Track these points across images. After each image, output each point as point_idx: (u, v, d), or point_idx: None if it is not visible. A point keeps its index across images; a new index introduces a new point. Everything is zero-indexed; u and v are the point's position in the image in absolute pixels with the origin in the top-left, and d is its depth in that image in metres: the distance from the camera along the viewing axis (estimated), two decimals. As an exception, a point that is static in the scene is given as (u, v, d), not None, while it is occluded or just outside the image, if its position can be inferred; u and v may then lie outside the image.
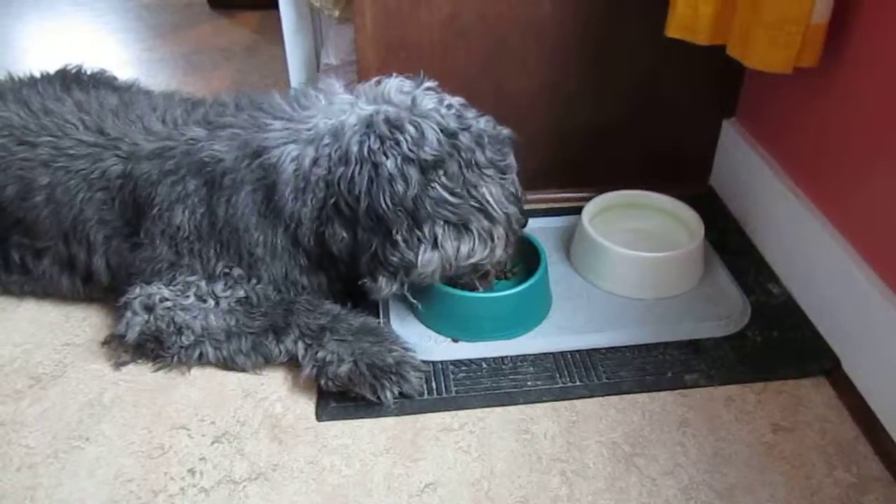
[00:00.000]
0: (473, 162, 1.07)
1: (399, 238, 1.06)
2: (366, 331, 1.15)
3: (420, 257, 1.07)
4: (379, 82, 1.14)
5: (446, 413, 1.10)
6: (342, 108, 1.10)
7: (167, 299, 1.15)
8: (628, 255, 1.28)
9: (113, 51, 2.46)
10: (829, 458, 1.03)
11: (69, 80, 1.39)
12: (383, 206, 1.04)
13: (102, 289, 1.26)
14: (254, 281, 1.16)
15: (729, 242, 1.43)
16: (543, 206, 1.55)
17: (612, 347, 1.20)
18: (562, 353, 1.19)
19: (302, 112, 1.12)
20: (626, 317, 1.26)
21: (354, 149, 1.05)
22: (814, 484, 0.99)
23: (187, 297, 1.15)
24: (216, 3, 2.76)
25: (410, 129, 1.04)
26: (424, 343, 1.21)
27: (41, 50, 2.47)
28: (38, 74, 1.41)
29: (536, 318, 1.25)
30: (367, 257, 1.09)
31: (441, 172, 1.05)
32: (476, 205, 1.09)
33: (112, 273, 1.23)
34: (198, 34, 2.55)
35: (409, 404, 1.11)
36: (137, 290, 1.16)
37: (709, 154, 1.59)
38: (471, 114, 1.12)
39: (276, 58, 2.18)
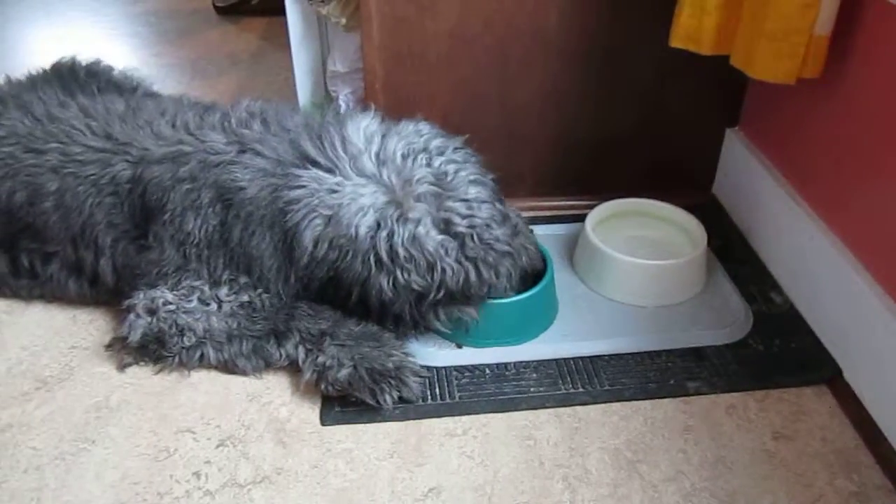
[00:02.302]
0: (462, 294, 1.11)
1: (389, 324, 1.16)
2: (366, 336, 1.16)
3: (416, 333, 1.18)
4: (408, 150, 1.12)
5: (450, 418, 1.11)
6: (364, 202, 1.08)
7: (170, 302, 1.16)
8: (631, 263, 1.29)
9: (120, 56, 2.47)
10: (831, 466, 1.03)
11: (67, 79, 1.39)
12: (372, 304, 1.12)
13: (108, 291, 1.27)
14: (259, 290, 1.17)
15: (731, 251, 1.43)
16: (547, 213, 1.56)
17: (615, 354, 1.20)
18: (565, 359, 1.20)
19: (328, 167, 1.11)
20: (629, 324, 1.27)
21: (360, 254, 1.07)
22: (815, 492, 1.00)
23: (190, 300, 1.16)
24: (223, 9, 2.78)
25: (405, 256, 1.06)
26: (428, 349, 1.22)
27: (48, 54, 2.47)
28: (34, 74, 1.42)
29: (542, 324, 1.26)
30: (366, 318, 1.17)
31: (428, 298, 1.10)
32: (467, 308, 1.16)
33: (118, 275, 1.24)
34: (204, 40, 2.57)
35: (412, 409, 1.11)
36: (141, 294, 1.17)
37: (712, 163, 1.59)
38: (482, 233, 1.10)
39: (282, 64, 2.19)
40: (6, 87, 1.39)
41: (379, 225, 1.07)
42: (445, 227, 1.08)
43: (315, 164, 1.11)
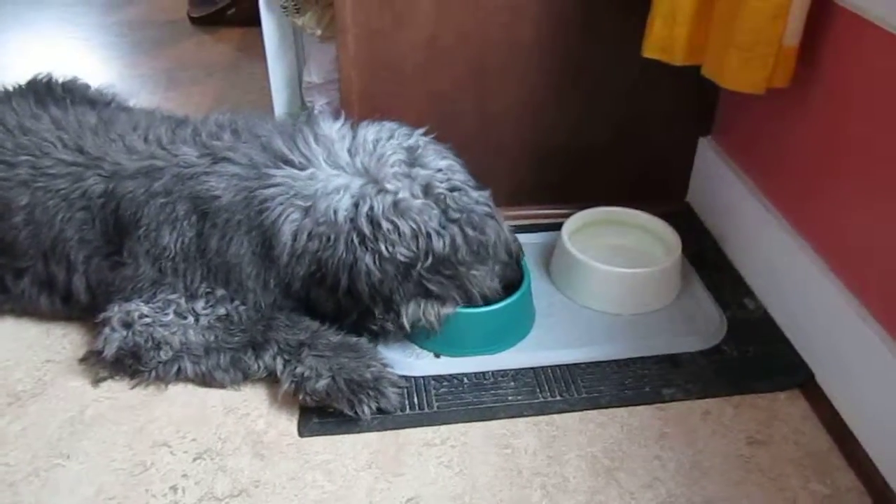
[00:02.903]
0: (449, 261, 1.10)
1: (377, 312, 1.13)
2: (344, 347, 1.16)
3: (406, 325, 1.15)
4: (377, 138, 1.13)
5: (428, 428, 1.11)
6: (339, 183, 1.09)
7: (146, 316, 1.15)
8: (607, 271, 1.30)
9: (95, 67, 2.45)
10: (804, 469, 1.05)
11: (42, 93, 1.38)
12: (361, 289, 1.09)
13: (81, 308, 1.25)
14: (237, 302, 1.16)
15: (706, 258, 1.45)
16: (524, 222, 1.57)
17: (592, 362, 1.21)
18: (542, 367, 1.20)
19: (302, 164, 1.11)
20: (605, 332, 1.28)
21: (341, 238, 1.07)
22: (789, 496, 1.01)
23: (167, 313, 1.15)
24: (198, 20, 2.77)
25: (388, 227, 1.06)
26: (406, 359, 1.22)
27: (22, 65, 2.46)
28: (10, 88, 1.40)
29: (520, 333, 1.26)
30: (350, 320, 1.16)
31: (416, 270, 1.09)
32: (456, 285, 1.15)
33: (91, 292, 1.23)
34: (180, 51, 2.55)
35: (391, 419, 1.11)
36: (116, 308, 1.16)
37: (686, 171, 1.61)
38: (461, 197, 1.11)
39: (258, 75, 2.19)
40: None
41: (357, 204, 1.07)
42: (425, 191, 1.09)
43: (288, 162, 1.12)
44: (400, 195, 1.07)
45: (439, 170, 1.12)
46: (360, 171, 1.10)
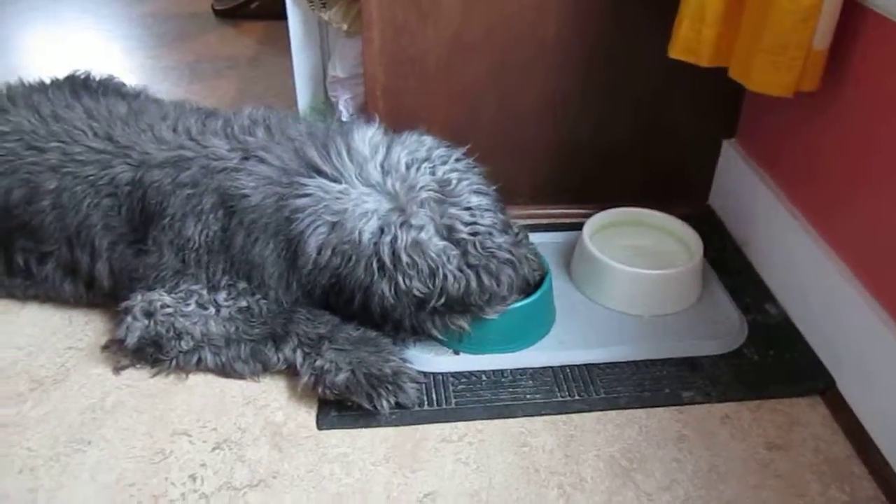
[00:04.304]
0: (461, 301, 1.11)
1: (386, 329, 1.17)
2: (364, 341, 1.16)
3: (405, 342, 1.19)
4: (411, 160, 1.13)
5: (446, 424, 1.11)
6: (367, 207, 1.09)
7: (168, 305, 1.16)
8: (628, 272, 1.30)
9: (118, 58, 2.47)
10: (823, 476, 1.04)
11: (78, 86, 1.40)
12: (373, 309, 1.12)
13: (104, 294, 1.26)
14: (258, 296, 1.17)
15: (727, 261, 1.44)
16: (545, 221, 1.57)
17: (611, 363, 1.21)
18: (561, 367, 1.20)
19: (334, 176, 1.11)
20: (625, 333, 1.28)
21: (363, 260, 1.08)
22: (807, 502, 1.00)
23: (188, 304, 1.16)
24: (221, 13, 2.79)
25: (408, 262, 1.06)
26: (425, 354, 1.22)
27: (48, 56, 2.49)
28: (48, 80, 1.43)
29: (539, 332, 1.26)
30: (367, 323, 1.17)
31: (429, 304, 1.10)
32: (467, 317, 1.16)
33: (114, 279, 1.24)
34: (203, 43, 2.57)
35: (408, 415, 1.12)
36: (139, 297, 1.17)
37: (709, 174, 1.61)
38: (484, 241, 1.11)
39: (281, 68, 2.20)
40: (20, 88, 1.40)
41: (382, 230, 1.07)
42: (448, 233, 1.09)
43: (320, 172, 1.12)
44: (423, 234, 1.07)
45: (468, 208, 1.11)
46: (391, 195, 1.10)
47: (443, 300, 1.09)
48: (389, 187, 1.10)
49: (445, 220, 1.09)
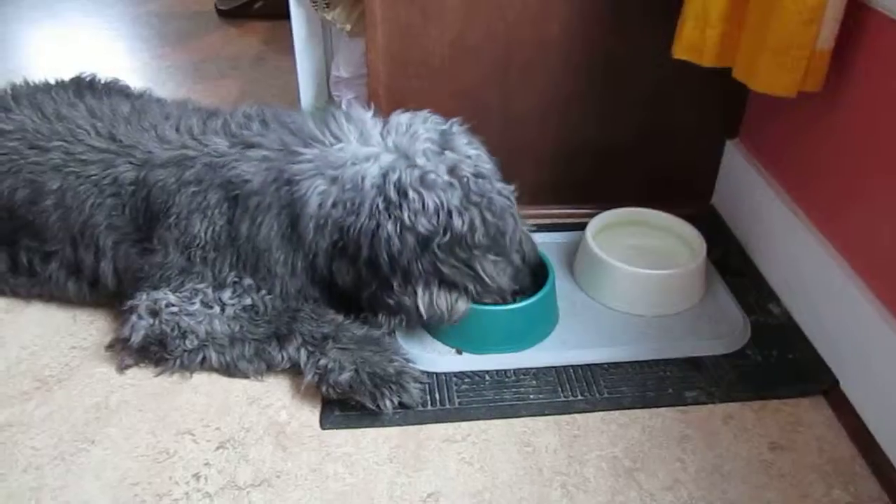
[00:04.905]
0: (465, 242, 1.10)
1: (396, 286, 1.12)
2: (368, 340, 1.16)
3: (421, 307, 1.14)
4: (411, 122, 1.15)
5: (449, 424, 1.11)
6: (369, 152, 1.12)
7: (173, 304, 1.16)
8: (631, 272, 1.30)
9: (122, 58, 2.48)
10: (827, 476, 1.04)
11: (83, 87, 1.40)
12: (381, 260, 1.09)
13: (108, 294, 1.27)
14: (263, 291, 1.17)
15: (730, 262, 1.44)
16: (548, 221, 1.57)
17: (614, 363, 1.21)
18: (564, 367, 1.20)
19: (333, 142, 1.14)
20: (628, 333, 1.28)
21: (366, 204, 1.08)
22: (811, 502, 1.00)
23: (193, 302, 1.16)
24: (225, 12, 2.79)
25: (414, 197, 1.07)
26: (428, 354, 1.22)
27: (52, 56, 2.49)
28: (53, 81, 1.43)
29: (542, 332, 1.26)
30: (368, 294, 1.15)
31: (434, 244, 1.08)
32: (470, 273, 1.14)
33: (119, 278, 1.24)
34: (206, 43, 2.57)
35: (412, 414, 1.12)
36: (144, 296, 1.18)
37: (712, 174, 1.61)
38: (484, 184, 1.12)
39: (284, 68, 2.20)
40: (24, 88, 1.40)
41: (386, 174, 1.08)
42: (450, 171, 1.10)
43: (319, 141, 1.14)
44: (429, 171, 1.09)
45: (468, 156, 1.14)
46: (392, 148, 1.12)
47: (447, 238, 1.08)
48: (390, 143, 1.12)
49: (447, 162, 1.11)
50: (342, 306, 1.21)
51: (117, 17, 2.80)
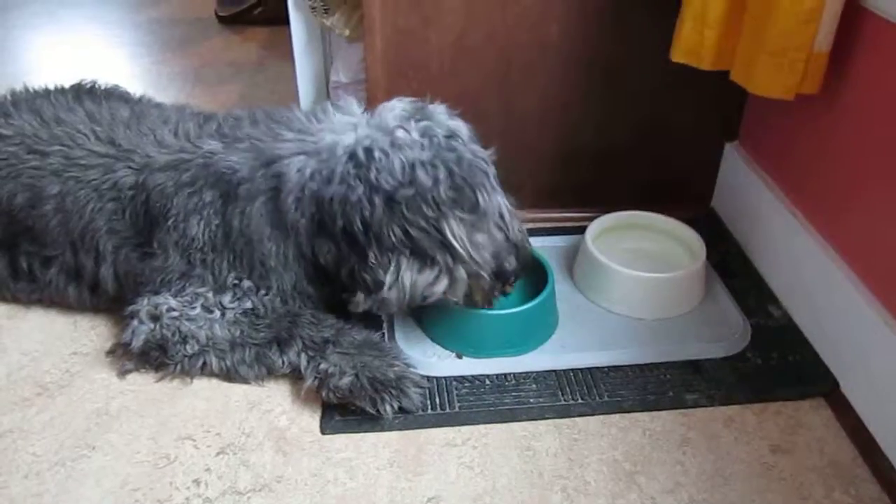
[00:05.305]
0: (431, 198, 1.07)
1: (372, 257, 1.09)
2: (368, 345, 1.16)
3: (395, 281, 1.10)
4: (394, 105, 1.16)
5: (449, 428, 1.11)
6: (346, 125, 1.13)
7: (174, 309, 1.16)
8: (631, 275, 1.30)
9: (123, 64, 2.48)
10: (828, 479, 1.04)
11: (82, 92, 1.41)
12: (355, 228, 1.07)
13: (108, 298, 1.27)
14: (262, 292, 1.17)
15: (730, 264, 1.44)
16: (548, 224, 1.57)
17: (614, 366, 1.21)
18: (564, 370, 1.20)
19: (316, 125, 1.15)
20: (628, 336, 1.28)
21: (338, 170, 1.08)
22: (812, 505, 1.01)
23: (194, 307, 1.16)
24: (225, 18, 2.80)
25: (380, 157, 1.06)
26: (428, 359, 1.22)
27: (53, 61, 2.50)
28: (52, 87, 1.43)
29: (542, 336, 1.26)
30: (347, 272, 1.13)
31: (402, 204, 1.06)
32: (438, 237, 1.09)
33: (119, 282, 1.24)
34: (207, 49, 2.58)
35: (412, 419, 1.12)
36: (144, 300, 1.18)
37: (711, 177, 1.61)
38: (455, 143, 1.11)
39: (284, 74, 2.21)
40: (24, 94, 1.40)
41: (359, 140, 1.08)
42: (423, 134, 1.10)
43: (304, 129, 1.15)
44: (396, 132, 1.09)
45: (444, 123, 1.13)
46: (370, 122, 1.13)
47: (412, 192, 1.05)
48: (370, 120, 1.14)
49: (420, 127, 1.10)
50: (340, 309, 1.21)
51: (118, 23, 2.81)
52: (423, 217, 1.07)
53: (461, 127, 1.15)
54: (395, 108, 1.14)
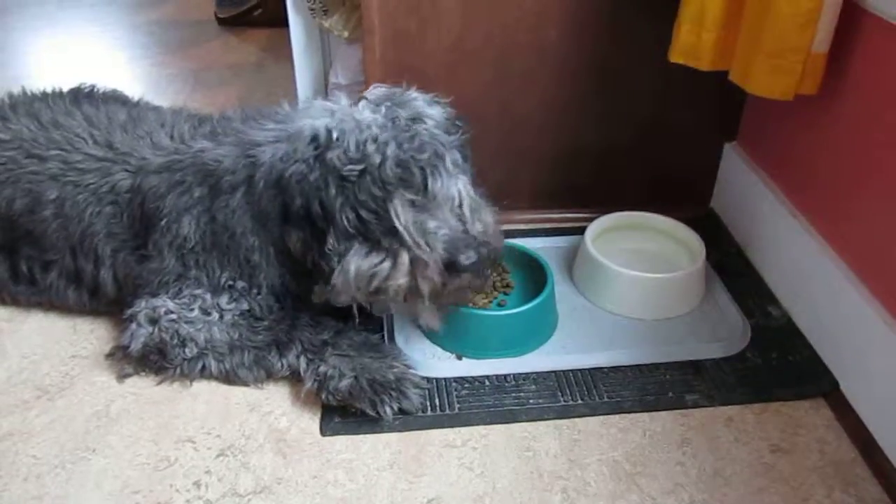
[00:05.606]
0: (377, 176, 1.02)
1: (329, 244, 1.06)
2: (367, 346, 1.17)
3: (348, 267, 1.06)
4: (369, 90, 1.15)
5: (449, 429, 1.11)
6: (323, 112, 1.10)
7: (172, 312, 1.16)
8: (630, 276, 1.30)
9: (122, 66, 2.48)
10: (828, 479, 1.04)
11: (80, 96, 1.41)
12: (313, 210, 1.05)
13: (108, 302, 1.27)
14: (255, 291, 1.17)
15: (729, 265, 1.44)
16: (547, 225, 1.57)
17: (614, 367, 1.21)
18: (564, 371, 1.20)
19: (298, 115, 1.14)
20: (628, 337, 1.28)
21: (300, 149, 1.06)
22: (812, 505, 1.01)
23: (192, 309, 1.16)
24: (225, 20, 2.80)
25: (339, 138, 1.04)
26: (427, 360, 1.22)
27: (53, 64, 2.50)
28: (50, 90, 1.43)
29: (542, 337, 1.27)
30: (311, 260, 1.11)
31: (354, 184, 1.03)
32: (389, 223, 1.04)
33: (118, 286, 1.24)
34: (206, 51, 2.58)
35: (412, 420, 1.12)
36: (143, 303, 1.18)
37: (710, 177, 1.61)
38: (418, 127, 1.06)
39: (284, 76, 2.20)
40: (22, 97, 1.40)
41: (326, 124, 1.06)
42: (386, 113, 1.07)
43: (285, 120, 1.13)
44: (361, 113, 1.06)
45: (416, 108, 1.09)
46: (345, 109, 1.09)
47: (362, 166, 1.02)
48: (348, 107, 1.10)
49: (390, 112, 1.07)
50: (339, 310, 1.21)
51: (118, 25, 2.81)
52: (371, 197, 1.03)
53: (435, 113, 1.10)
54: (371, 94, 1.12)
